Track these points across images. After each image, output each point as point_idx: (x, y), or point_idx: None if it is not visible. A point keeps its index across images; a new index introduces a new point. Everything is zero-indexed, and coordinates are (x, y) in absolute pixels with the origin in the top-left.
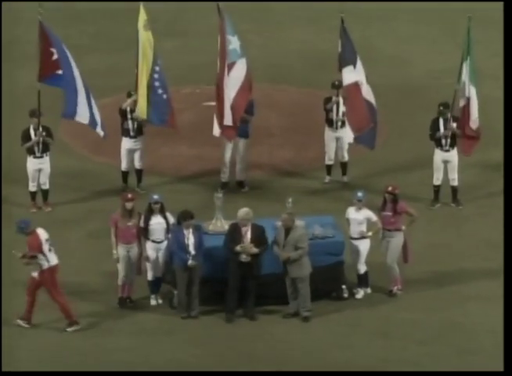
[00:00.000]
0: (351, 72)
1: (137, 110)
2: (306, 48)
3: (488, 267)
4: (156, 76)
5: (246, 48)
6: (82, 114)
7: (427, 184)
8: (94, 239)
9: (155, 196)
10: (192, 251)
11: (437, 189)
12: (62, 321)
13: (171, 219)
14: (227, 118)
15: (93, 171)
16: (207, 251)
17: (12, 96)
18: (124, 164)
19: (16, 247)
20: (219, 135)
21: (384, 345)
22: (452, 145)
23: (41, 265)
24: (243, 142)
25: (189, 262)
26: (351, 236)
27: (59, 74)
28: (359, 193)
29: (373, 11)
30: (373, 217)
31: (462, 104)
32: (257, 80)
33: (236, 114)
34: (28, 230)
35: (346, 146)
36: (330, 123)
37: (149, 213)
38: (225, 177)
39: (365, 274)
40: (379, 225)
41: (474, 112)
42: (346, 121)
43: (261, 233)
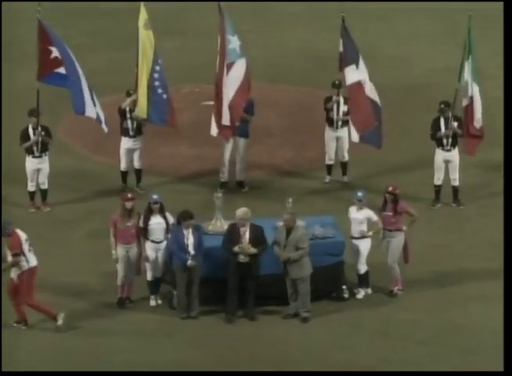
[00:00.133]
0: (353, 71)
1: (137, 110)
2: (306, 47)
3: (490, 267)
4: (157, 75)
5: (247, 48)
6: (90, 110)
7: (427, 184)
8: (93, 239)
9: (154, 196)
10: (191, 252)
11: (438, 189)
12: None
13: (171, 219)
14: (225, 118)
15: (92, 171)
16: (206, 251)
17: (12, 96)
18: (123, 164)
19: None
20: (216, 135)
21: (385, 346)
22: (454, 144)
23: (21, 266)
24: (242, 142)
25: (189, 263)
26: (352, 236)
27: (59, 73)
28: (359, 193)
29: (373, 10)
30: (374, 217)
31: (465, 104)
32: (257, 79)
33: (234, 114)
34: (10, 231)
35: (346, 146)
36: (331, 122)
37: (149, 213)
38: (224, 177)
39: (366, 274)
40: (379, 225)
41: (478, 111)
42: (350, 120)
43: (259, 233)
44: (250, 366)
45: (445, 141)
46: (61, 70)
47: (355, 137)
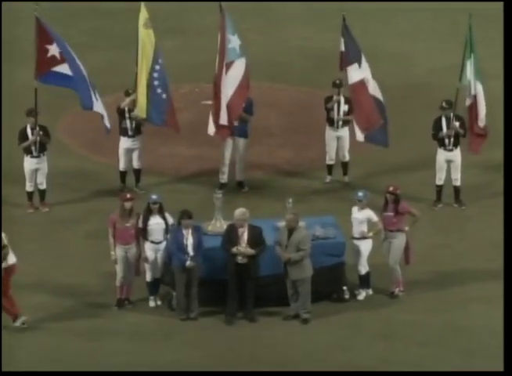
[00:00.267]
0: (356, 70)
1: (136, 109)
2: (306, 46)
3: (491, 268)
4: (156, 75)
5: (247, 47)
6: (97, 106)
7: (429, 184)
8: (92, 239)
9: (154, 196)
10: (190, 252)
11: (439, 189)
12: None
13: (170, 220)
14: (222, 117)
15: (91, 171)
16: (206, 251)
17: (12, 96)
18: (122, 164)
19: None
20: (213, 134)
21: (386, 347)
22: (456, 144)
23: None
24: (242, 142)
25: (187, 263)
26: (353, 236)
27: (56, 72)
28: (360, 193)
29: (373, 10)
30: (374, 217)
31: (468, 103)
32: (257, 79)
33: (232, 114)
34: None
35: (347, 146)
36: (331, 122)
37: (148, 213)
38: (223, 177)
39: (367, 275)
40: (379, 225)
41: (482, 110)
42: (353, 120)
43: (258, 234)
44: (250, 368)
45: (446, 141)
46: (58, 69)
47: (360, 136)
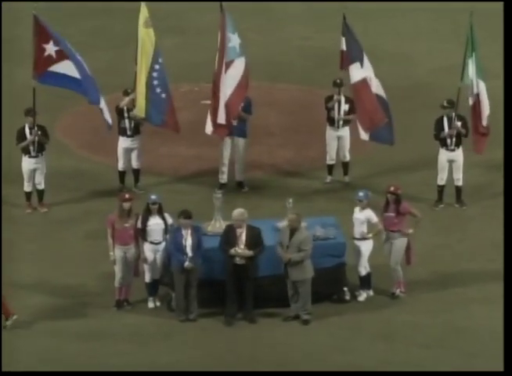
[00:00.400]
0: (358, 69)
1: (135, 109)
2: (307, 45)
3: (492, 268)
4: (155, 74)
5: (247, 46)
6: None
7: (430, 184)
8: (91, 240)
9: (153, 196)
10: (189, 253)
11: (441, 189)
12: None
13: (170, 220)
14: (220, 116)
15: (90, 171)
16: (205, 252)
17: (12, 95)
18: (121, 164)
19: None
20: (211, 133)
21: (386, 348)
22: (458, 144)
23: None
24: (241, 142)
25: (186, 264)
26: (354, 237)
27: (54, 72)
28: (360, 193)
29: (374, 10)
30: (374, 218)
31: (471, 102)
32: (257, 78)
33: (230, 113)
34: None
35: (348, 146)
36: (332, 122)
37: (147, 214)
38: (223, 178)
39: (368, 276)
40: (379, 227)
41: (486, 108)
42: (357, 119)
43: (256, 235)
44: (250, 369)
45: (448, 141)
46: (55, 68)
47: (365, 135)
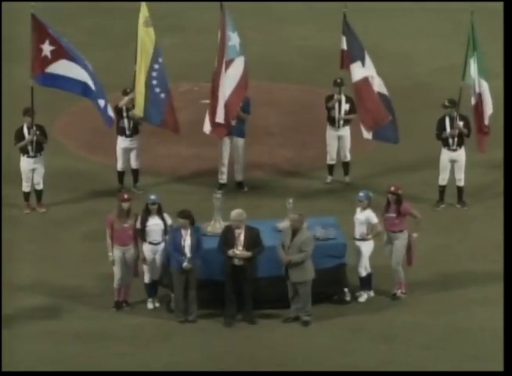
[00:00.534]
0: (359, 68)
1: (134, 108)
2: (307, 45)
3: (494, 269)
4: (155, 74)
5: (247, 46)
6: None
7: (431, 184)
8: (89, 241)
9: (152, 196)
10: (187, 253)
11: (442, 189)
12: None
13: (169, 220)
14: (219, 116)
15: (88, 171)
16: (205, 253)
17: (13, 95)
18: (119, 164)
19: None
20: (209, 133)
21: (387, 350)
22: (460, 144)
23: None
24: (240, 142)
25: (184, 265)
26: (354, 237)
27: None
28: (361, 193)
29: (374, 9)
30: (374, 219)
31: (474, 102)
32: (257, 77)
33: (229, 113)
34: None
35: (348, 146)
36: (332, 121)
37: (147, 214)
38: (223, 178)
39: (368, 277)
40: (378, 228)
41: (489, 107)
42: (359, 118)
43: (255, 236)
44: (250, 370)
45: (450, 141)
46: (52, 70)
47: (368, 134)
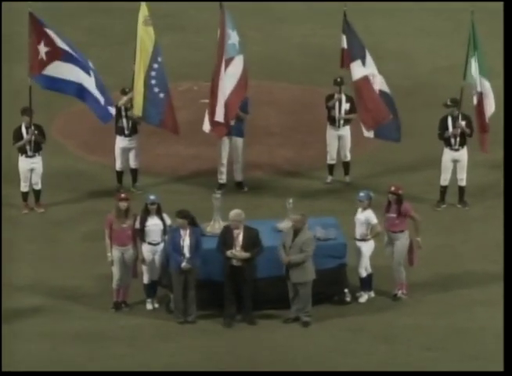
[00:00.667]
0: (359, 67)
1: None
2: (307, 44)
3: (495, 270)
4: (154, 73)
5: (247, 45)
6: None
7: (432, 184)
8: (88, 241)
9: (151, 196)
10: (186, 254)
11: (443, 189)
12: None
13: (168, 221)
14: (219, 115)
15: (87, 171)
16: (204, 253)
17: (13, 94)
18: (118, 164)
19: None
20: (209, 132)
21: (388, 350)
22: (462, 144)
23: None
24: (239, 142)
25: (183, 265)
26: (355, 237)
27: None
28: (361, 193)
29: (375, 8)
30: (373, 220)
31: (475, 101)
32: (257, 77)
33: (229, 112)
34: None
35: (348, 145)
36: (332, 121)
37: (146, 214)
38: (222, 178)
39: (369, 277)
40: (378, 228)
41: (491, 107)
42: (359, 117)
43: (253, 236)
44: (250, 370)
45: (452, 140)
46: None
47: (369, 133)
